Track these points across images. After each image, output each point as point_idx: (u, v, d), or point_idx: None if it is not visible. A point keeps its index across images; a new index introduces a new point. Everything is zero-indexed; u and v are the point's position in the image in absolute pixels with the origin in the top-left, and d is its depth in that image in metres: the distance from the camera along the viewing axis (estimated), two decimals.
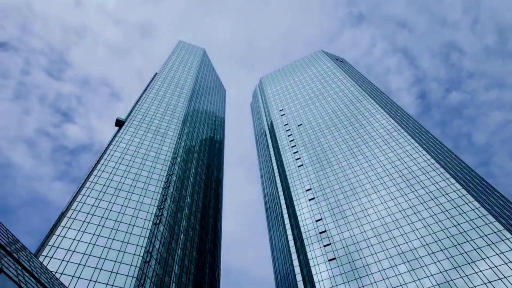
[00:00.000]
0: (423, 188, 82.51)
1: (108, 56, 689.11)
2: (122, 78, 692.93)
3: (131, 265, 63.45)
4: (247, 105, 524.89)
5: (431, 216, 75.12)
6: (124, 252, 65.58)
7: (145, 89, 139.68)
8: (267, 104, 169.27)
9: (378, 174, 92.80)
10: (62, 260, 59.28)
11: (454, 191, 77.96)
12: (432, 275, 64.36)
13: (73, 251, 61.60)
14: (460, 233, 68.88)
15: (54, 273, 56.15)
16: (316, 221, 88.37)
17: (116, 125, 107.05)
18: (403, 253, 70.91)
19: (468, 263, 63.09)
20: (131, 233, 70.14)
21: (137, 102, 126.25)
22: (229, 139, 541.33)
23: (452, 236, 69.10)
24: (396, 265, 69.29)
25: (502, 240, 63.93)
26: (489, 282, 58.82)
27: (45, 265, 57.09)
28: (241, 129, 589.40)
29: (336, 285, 71.19)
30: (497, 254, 62.32)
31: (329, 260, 76.84)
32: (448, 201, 76.42)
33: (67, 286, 52.62)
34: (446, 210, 74.61)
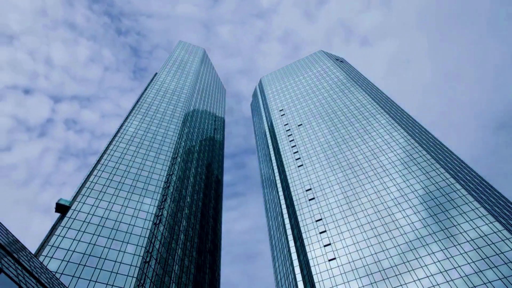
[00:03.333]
0: (423, 188, 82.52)
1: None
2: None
3: (131, 265, 63.45)
4: (247, 105, 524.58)
5: (431, 216, 75.13)
6: (124, 252, 65.58)
7: (145, 89, 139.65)
8: (267, 104, 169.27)
9: (378, 174, 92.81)
10: (62, 260, 59.28)
11: (454, 191, 77.97)
12: (432, 275, 64.37)
13: (73, 251, 61.60)
14: (460, 233, 68.88)
15: (54, 273, 56.13)
16: (316, 221, 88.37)
17: (56, 211, 71.48)
18: (403, 253, 70.91)
19: (468, 263, 63.10)
20: (131, 233, 70.14)
21: (137, 102, 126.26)
22: (229, 139, 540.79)
23: (452, 236, 69.11)
24: (396, 265, 69.30)
25: (502, 240, 63.94)
26: (489, 282, 58.83)
27: (45, 265, 57.07)
28: (241, 129, 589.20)
29: (336, 285, 71.18)
30: (497, 254, 62.32)
31: (329, 260, 76.84)
32: (448, 201, 76.42)
33: (67, 286, 52.61)
34: (446, 210, 74.62)
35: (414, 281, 64.93)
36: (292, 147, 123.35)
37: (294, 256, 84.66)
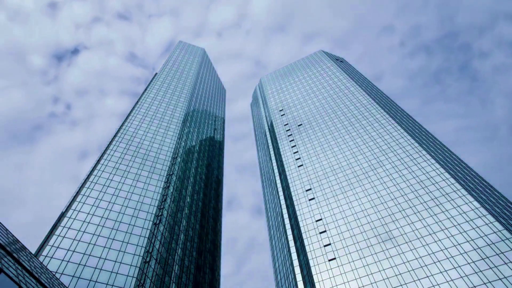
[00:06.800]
0: (423, 188, 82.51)
1: None
2: None
3: (131, 265, 63.45)
4: (247, 105, 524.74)
5: (431, 216, 75.12)
6: (124, 252, 65.58)
7: (145, 89, 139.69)
8: (267, 104, 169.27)
9: (378, 174, 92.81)
10: (62, 260, 59.28)
11: (454, 191, 77.96)
12: (432, 275, 64.37)
13: (73, 251, 61.60)
14: (460, 233, 68.88)
15: (54, 273, 56.14)
16: (316, 221, 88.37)
17: None
18: (403, 253, 70.91)
19: (468, 263, 63.09)
20: (131, 233, 70.14)
21: (137, 102, 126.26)
22: (229, 139, 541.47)
23: (452, 236, 69.10)
24: (396, 265, 69.29)
25: (502, 240, 63.94)
26: (489, 282, 58.83)
27: (45, 265, 57.08)
28: (241, 129, 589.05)
29: (336, 285, 71.17)
30: (497, 254, 62.33)
31: (329, 260, 76.83)
32: (448, 201, 76.43)
33: (67, 286, 52.61)
34: (446, 210, 74.62)
35: (414, 281, 64.91)
36: (292, 147, 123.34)
37: (294, 256, 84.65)
